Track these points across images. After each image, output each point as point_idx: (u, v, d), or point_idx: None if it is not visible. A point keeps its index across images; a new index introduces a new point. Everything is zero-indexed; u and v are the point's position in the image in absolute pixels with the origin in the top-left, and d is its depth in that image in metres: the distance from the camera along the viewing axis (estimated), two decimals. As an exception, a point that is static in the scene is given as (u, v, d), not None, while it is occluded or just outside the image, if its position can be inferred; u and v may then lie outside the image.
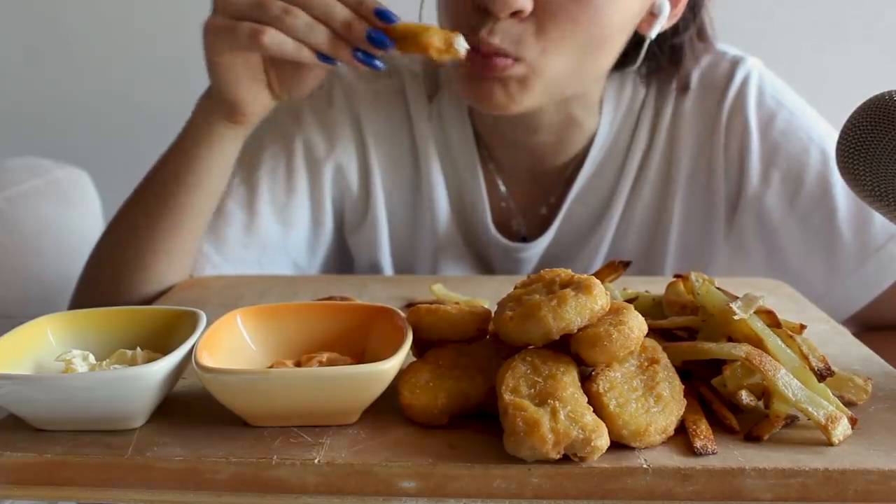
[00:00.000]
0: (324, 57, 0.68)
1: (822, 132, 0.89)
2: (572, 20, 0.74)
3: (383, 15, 0.67)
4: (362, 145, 0.93)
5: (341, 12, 0.67)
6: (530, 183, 0.94)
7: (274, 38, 0.67)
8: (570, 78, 0.79)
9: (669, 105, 0.91)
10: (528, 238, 0.94)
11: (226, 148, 0.78)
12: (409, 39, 0.67)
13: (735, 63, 0.90)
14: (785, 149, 0.88)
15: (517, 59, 0.75)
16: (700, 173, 0.91)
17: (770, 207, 0.88)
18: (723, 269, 0.92)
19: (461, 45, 0.68)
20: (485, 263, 0.96)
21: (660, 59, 0.88)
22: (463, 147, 0.93)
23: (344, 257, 0.98)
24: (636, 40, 0.84)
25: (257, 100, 0.75)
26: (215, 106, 0.76)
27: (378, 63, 0.68)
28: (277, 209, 0.90)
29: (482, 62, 0.75)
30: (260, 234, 0.89)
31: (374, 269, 0.95)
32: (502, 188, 0.94)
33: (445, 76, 0.94)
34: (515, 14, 0.73)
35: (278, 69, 0.73)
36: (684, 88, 0.90)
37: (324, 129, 0.92)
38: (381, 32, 0.67)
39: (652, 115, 0.91)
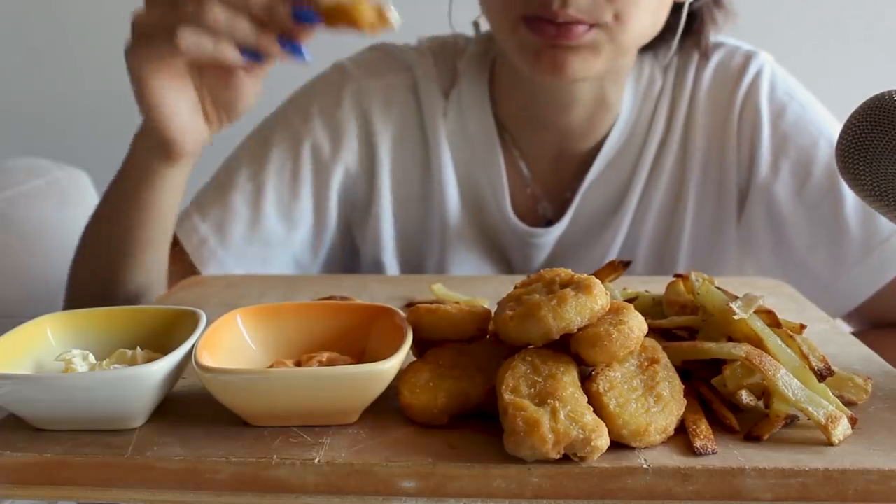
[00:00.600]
0: (249, 55, 0.64)
1: (831, 127, 0.91)
2: None
3: (302, 16, 0.63)
4: (370, 142, 0.94)
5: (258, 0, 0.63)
6: (554, 167, 0.95)
7: (190, 38, 0.62)
8: (636, 41, 0.82)
9: (686, 94, 0.93)
10: (553, 221, 0.95)
11: (168, 184, 0.76)
12: (337, 14, 0.63)
13: (749, 57, 0.93)
14: (794, 140, 0.90)
15: (592, 25, 0.77)
16: (713, 162, 0.92)
17: (778, 197, 0.90)
18: (734, 259, 0.94)
19: (395, 17, 0.63)
20: (499, 253, 0.97)
21: (692, 25, 0.90)
22: (483, 136, 0.93)
23: (350, 255, 0.99)
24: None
25: (193, 133, 0.71)
26: (151, 144, 0.72)
27: (305, 53, 0.65)
28: (282, 208, 0.91)
29: (557, 31, 0.77)
30: (264, 232, 0.90)
31: (378, 265, 0.96)
32: (527, 174, 0.94)
33: (464, 67, 0.95)
34: None
35: (209, 87, 0.70)
36: (705, 55, 0.92)
37: (331, 129, 0.92)
38: (307, 8, 0.63)
39: (669, 104, 0.93)
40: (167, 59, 0.65)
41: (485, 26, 0.94)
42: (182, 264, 0.87)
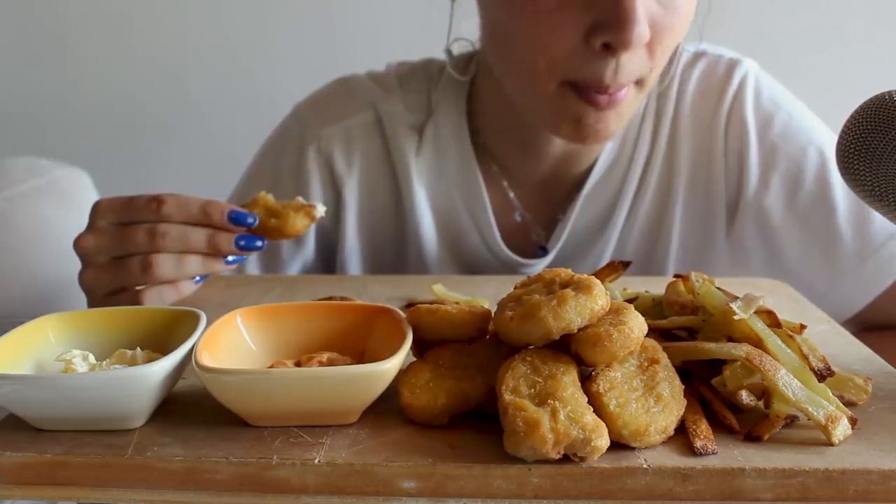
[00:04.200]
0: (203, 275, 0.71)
1: (819, 133, 0.90)
2: (673, 31, 0.75)
3: (237, 220, 0.68)
4: (334, 187, 0.93)
5: (200, 236, 0.67)
6: (544, 192, 0.94)
7: (151, 297, 0.68)
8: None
9: (669, 110, 0.91)
10: (546, 246, 0.94)
11: None
12: (273, 231, 0.69)
13: (732, 66, 0.91)
14: (783, 150, 0.88)
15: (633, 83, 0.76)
16: (700, 178, 0.91)
17: (769, 209, 0.89)
18: (723, 273, 0.92)
19: (320, 212, 0.71)
20: None
21: None
22: (462, 168, 0.92)
23: None
24: None
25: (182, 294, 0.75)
26: None
27: (260, 246, 0.70)
28: (265, 263, 0.94)
29: (609, 98, 0.75)
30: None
31: None
32: (515, 201, 0.93)
33: (439, 99, 0.93)
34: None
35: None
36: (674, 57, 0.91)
37: (300, 185, 0.93)
38: (249, 236, 0.69)
39: (653, 121, 0.92)
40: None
41: (456, 51, 0.92)
42: None
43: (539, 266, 0.92)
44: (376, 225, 0.95)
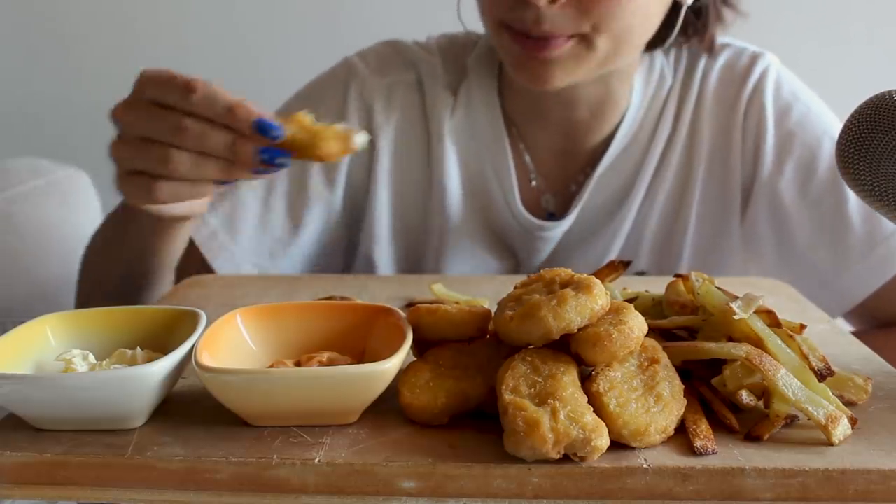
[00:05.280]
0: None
1: (835, 127, 0.92)
2: None
3: (264, 129, 0.60)
4: (371, 136, 0.94)
5: (220, 140, 0.61)
6: (560, 161, 0.95)
7: (165, 190, 0.63)
8: (621, 47, 0.82)
9: (693, 93, 0.93)
10: (556, 214, 0.95)
11: (178, 232, 0.79)
12: (302, 149, 0.61)
13: (755, 57, 0.94)
14: (799, 138, 0.91)
15: (571, 37, 0.78)
16: (718, 161, 0.93)
17: (782, 195, 0.91)
18: (737, 256, 0.94)
19: (360, 142, 0.62)
20: (502, 247, 0.97)
21: (688, 25, 0.90)
22: (492, 130, 0.94)
23: (351, 253, 1.00)
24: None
25: (196, 206, 0.74)
26: (159, 222, 0.75)
27: (284, 162, 0.62)
28: (291, 202, 0.93)
29: (535, 44, 0.78)
30: (273, 225, 0.93)
31: (369, 260, 0.97)
32: (531, 167, 0.95)
33: (473, 63, 0.96)
34: (554, 1, 0.75)
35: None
36: (709, 51, 0.94)
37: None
38: (272, 149, 0.61)
39: (677, 103, 0.94)
40: (155, 203, 0.66)
41: None
42: (192, 259, 0.89)
43: (557, 230, 0.94)
44: (406, 178, 0.96)
